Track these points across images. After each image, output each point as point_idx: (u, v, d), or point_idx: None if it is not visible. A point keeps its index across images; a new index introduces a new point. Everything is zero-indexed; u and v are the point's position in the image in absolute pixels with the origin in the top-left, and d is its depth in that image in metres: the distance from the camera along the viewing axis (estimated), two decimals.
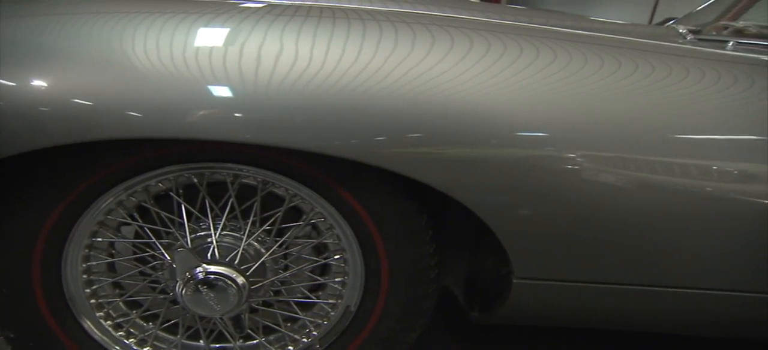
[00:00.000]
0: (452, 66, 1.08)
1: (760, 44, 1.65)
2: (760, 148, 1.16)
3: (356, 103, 1.03)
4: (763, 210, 1.18)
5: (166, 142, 1.12)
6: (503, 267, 1.27)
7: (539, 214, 1.13)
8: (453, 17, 1.39)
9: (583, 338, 1.89)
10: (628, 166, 1.12)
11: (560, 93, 1.11)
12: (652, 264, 1.24)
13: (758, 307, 1.34)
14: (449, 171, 1.07)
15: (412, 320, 1.33)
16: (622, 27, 1.98)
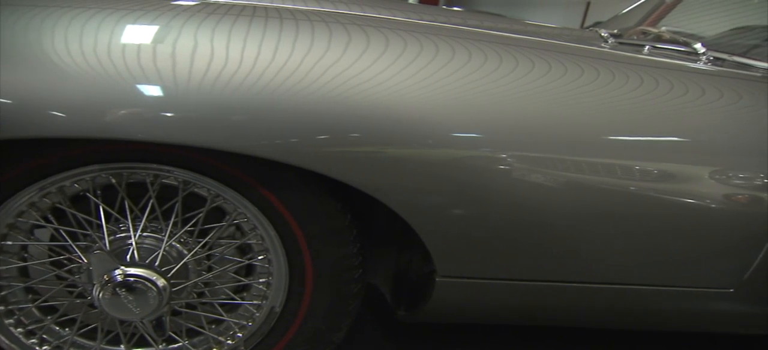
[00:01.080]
0: (375, 66, 1.09)
1: (672, 49, 1.73)
2: (669, 148, 1.22)
3: (277, 102, 1.02)
4: (676, 207, 1.24)
5: (80, 142, 1.09)
6: (427, 265, 1.28)
7: (460, 213, 1.15)
8: (386, 19, 1.41)
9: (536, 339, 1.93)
10: (549, 166, 1.15)
11: (480, 94, 1.13)
12: (573, 261, 1.28)
13: (676, 300, 1.41)
14: (369, 170, 1.08)
15: (337, 320, 1.34)
16: (550, 30, 2.04)
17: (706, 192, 1.23)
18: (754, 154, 1.25)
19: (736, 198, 1.25)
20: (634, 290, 1.36)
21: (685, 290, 1.37)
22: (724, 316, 1.48)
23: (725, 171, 1.23)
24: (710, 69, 1.46)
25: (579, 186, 1.17)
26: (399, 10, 1.65)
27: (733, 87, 1.32)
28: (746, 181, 1.25)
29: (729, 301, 1.41)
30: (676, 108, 1.24)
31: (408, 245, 1.41)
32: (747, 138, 1.25)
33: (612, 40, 1.94)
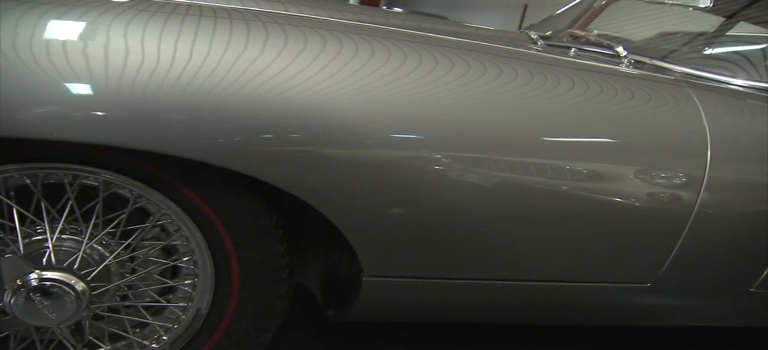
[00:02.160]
0: (303, 67, 1.09)
1: (596, 51, 1.78)
2: (589, 148, 1.26)
3: (200, 102, 1.01)
4: (597, 206, 1.28)
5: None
6: (354, 265, 1.29)
7: (385, 213, 1.16)
8: (323, 19, 1.40)
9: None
10: (473, 165, 1.17)
11: (405, 95, 1.14)
12: (498, 259, 1.31)
13: (597, 295, 1.46)
14: (292, 170, 1.08)
15: (265, 320, 1.33)
16: (484, 33, 2.08)
17: (624, 191, 1.28)
18: (669, 154, 1.31)
19: (652, 197, 1.30)
20: (557, 287, 1.40)
21: (606, 285, 1.42)
22: (642, 309, 1.54)
23: (642, 170, 1.28)
24: (630, 71, 1.52)
25: (503, 185, 1.20)
26: (337, 10, 1.64)
27: (650, 89, 1.38)
28: (662, 180, 1.30)
29: (646, 295, 1.46)
30: (596, 109, 1.28)
31: (337, 245, 1.42)
32: (663, 138, 1.31)
33: (541, 42, 1.99)
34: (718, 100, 1.44)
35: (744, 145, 1.39)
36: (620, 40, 2.17)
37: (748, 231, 1.43)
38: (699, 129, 1.31)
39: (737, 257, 1.48)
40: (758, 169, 1.40)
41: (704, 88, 1.48)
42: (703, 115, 1.33)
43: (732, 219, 1.40)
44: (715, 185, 1.33)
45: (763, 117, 1.49)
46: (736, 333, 2.21)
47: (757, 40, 1.96)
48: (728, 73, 1.70)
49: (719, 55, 1.94)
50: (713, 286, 1.56)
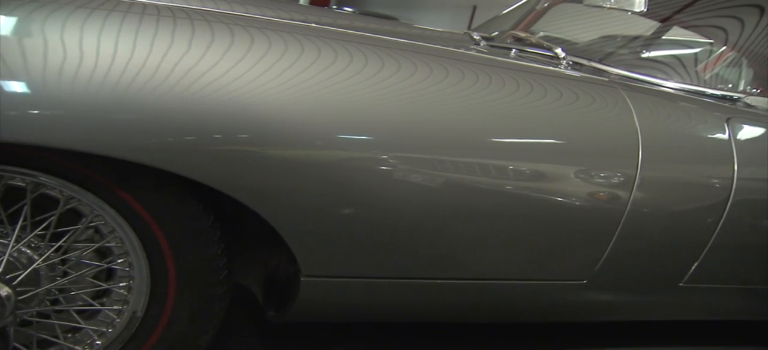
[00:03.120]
0: (241, 67, 1.08)
1: (536, 52, 1.82)
2: (527, 148, 1.28)
3: (132, 101, 0.98)
4: (535, 205, 1.31)
5: None
6: (293, 265, 1.28)
7: (322, 213, 1.16)
8: (269, 19, 1.38)
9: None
10: (415, 165, 1.18)
11: (352, 95, 1.14)
12: (437, 259, 1.32)
13: (536, 293, 1.48)
14: (227, 170, 1.07)
15: (203, 322, 1.31)
16: (429, 33, 2.09)
17: (560, 190, 1.31)
18: (602, 154, 1.34)
19: (587, 196, 1.34)
20: (497, 285, 1.42)
21: (544, 283, 1.45)
22: (580, 306, 1.57)
23: (577, 170, 1.31)
24: (567, 73, 1.55)
25: (443, 185, 1.21)
26: (284, 10, 1.63)
27: (585, 90, 1.41)
28: (596, 180, 1.33)
29: (583, 292, 1.50)
30: (532, 110, 1.30)
31: (277, 245, 1.40)
32: (596, 139, 1.34)
33: (484, 43, 2.02)
34: (651, 101, 1.49)
35: (674, 145, 1.44)
36: (561, 42, 2.21)
37: (678, 229, 1.48)
38: (631, 130, 1.35)
39: (668, 253, 1.53)
40: (688, 168, 1.45)
41: (637, 90, 1.53)
42: (635, 117, 1.37)
43: (663, 217, 1.44)
44: (647, 184, 1.37)
45: (693, 118, 1.55)
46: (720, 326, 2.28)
47: (690, 44, 2.03)
48: (662, 75, 1.76)
49: (654, 58, 2.00)
50: (646, 282, 1.61)
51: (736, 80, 1.84)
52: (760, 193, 1.54)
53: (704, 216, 1.49)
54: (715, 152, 1.48)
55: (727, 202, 1.48)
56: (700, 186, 1.47)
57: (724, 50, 1.93)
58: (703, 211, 1.48)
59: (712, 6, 2.03)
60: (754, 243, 1.64)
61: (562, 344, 2.04)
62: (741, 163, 1.48)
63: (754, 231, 1.60)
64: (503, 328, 2.05)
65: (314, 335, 1.85)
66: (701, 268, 1.59)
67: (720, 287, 1.74)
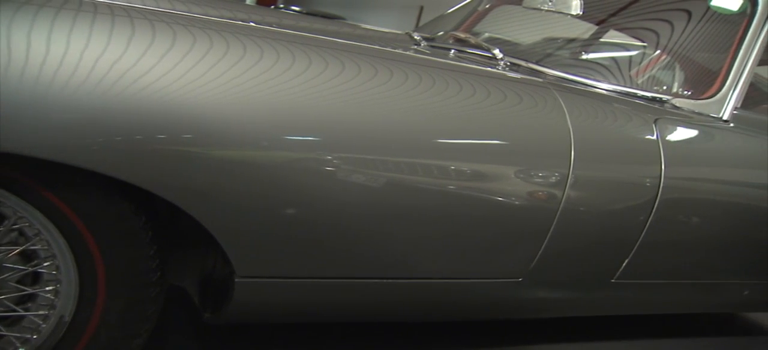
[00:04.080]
0: (173, 66, 1.06)
1: (474, 53, 1.84)
2: (461, 148, 1.30)
3: (57, 100, 0.95)
4: (471, 204, 1.32)
5: None
6: (228, 266, 1.26)
7: (256, 213, 1.15)
8: (211, 19, 1.36)
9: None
10: (353, 165, 1.18)
11: (291, 96, 1.14)
12: (375, 258, 1.32)
13: (473, 291, 1.50)
14: (157, 171, 1.05)
15: (135, 326, 1.28)
16: (371, 33, 2.09)
17: (495, 189, 1.33)
18: (535, 154, 1.37)
19: (521, 195, 1.36)
20: (434, 284, 1.43)
21: (480, 281, 1.47)
22: (516, 303, 1.60)
23: (510, 170, 1.34)
24: (503, 74, 1.57)
25: (378, 185, 1.21)
26: (228, 10, 1.60)
27: (520, 91, 1.43)
28: (529, 179, 1.36)
29: (519, 289, 1.53)
30: (468, 110, 1.32)
31: (212, 245, 1.38)
32: (529, 139, 1.37)
33: (424, 43, 2.03)
34: (583, 102, 1.52)
35: (605, 145, 1.48)
36: (502, 43, 2.25)
37: (609, 226, 1.53)
38: (563, 130, 1.38)
39: (600, 250, 1.58)
40: (618, 168, 1.50)
41: (571, 91, 1.56)
42: (568, 117, 1.41)
43: (594, 215, 1.48)
44: (579, 183, 1.40)
45: (625, 119, 1.59)
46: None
47: (622, 47, 2.09)
48: (595, 77, 1.80)
49: (588, 60, 2.05)
50: (579, 278, 1.65)
51: (665, 83, 1.91)
52: (685, 192, 1.60)
53: (634, 214, 1.53)
54: (643, 152, 1.52)
55: (655, 201, 1.53)
56: (629, 185, 1.51)
57: (654, 53, 2.00)
58: (632, 209, 1.53)
59: (644, 11, 2.09)
60: (681, 239, 1.70)
61: (498, 342, 2.07)
62: (668, 162, 1.53)
63: (681, 228, 1.67)
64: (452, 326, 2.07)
65: (255, 336, 1.83)
66: (632, 265, 1.64)
67: (650, 282, 1.80)
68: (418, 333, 2.02)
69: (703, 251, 1.78)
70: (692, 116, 1.75)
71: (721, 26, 1.92)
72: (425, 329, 2.05)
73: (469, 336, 2.07)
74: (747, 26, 1.82)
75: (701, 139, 1.70)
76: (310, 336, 1.88)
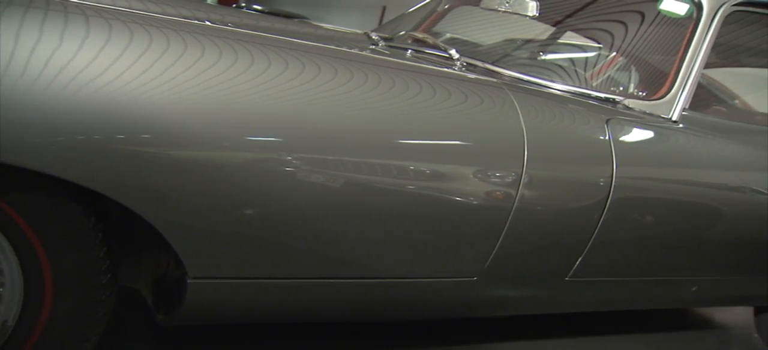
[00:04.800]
0: (144, 68, 1.05)
1: (431, 53, 1.85)
2: (416, 148, 1.30)
3: (5, 100, 0.93)
4: (426, 203, 1.33)
5: None
6: (181, 267, 1.25)
7: (208, 213, 1.14)
8: (170, 19, 1.33)
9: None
10: (307, 165, 1.18)
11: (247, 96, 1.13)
12: (329, 258, 1.32)
13: (429, 290, 1.51)
14: (105, 171, 1.03)
15: (84, 330, 1.25)
16: (332, 33, 2.09)
17: (449, 189, 1.34)
18: (489, 153, 1.38)
19: (475, 195, 1.37)
20: (389, 283, 1.44)
21: (435, 281, 1.48)
22: (471, 302, 1.62)
23: (465, 169, 1.35)
24: (458, 74, 1.59)
25: (333, 185, 1.21)
26: (187, 9, 1.58)
27: (474, 91, 1.45)
28: (483, 179, 1.37)
29: (474, 288, 1.54)
30: (422, 110, 1.33)
31: (165, 246, 1.36)
32: (483, 139, 1.38)
33: (382, 43, 2.03)
34: (537, 102, 1.54)
35: (558, 145, 1.50)
36: (461, 44, 2.27)
37: (562, 225, 1.55)
38: (517, 130, 1.40)
39: (553, 249, 1.60)
40: (570, 167, 1.52)
41: (525, 92, 1.58)
42: (522, 117, 1.42)
43: (548, 215, 1.51)
44: (533, 183, 1.42)
45: (579, 120, 1.62)
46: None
47: (577, 48, 2.13)
48: (550, 77, 1.83)
49: (544, 60, 2.08)
50: (534, 277, 1.67)
51: (617, 84, 1.95)
52: (636, 191, 1.63)
53: (587, 213, 1.56)
54: (595, 152, 1.55)
55: (607, 199, 1.56)
56: (582, 185, 1.54)
57: (607, 55, 2.04)
58: (585, 208, 1.55)
59: (597, 13, 2.13)
60: (633, 237, 1.73)
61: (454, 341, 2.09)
62: (619, 162, 1.56)
63: (633, 227, 1.70)
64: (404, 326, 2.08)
65: (213, 338, 1.81)
66: (585, 263, 1.67)
67: (604, 280, 1.83)
68: (372, 332, 2.02)
69: (654, 249, 1.82)
70: (643, 117, 1.78)
71: (671, 29, 1.96)
72: (382, 328, 2.05)
73: (425, 335, 2.08)
74: (693, 30, 1.87)
75: (651, 139, 1.74)
76: (268, 336, 1.87)
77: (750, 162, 1.98)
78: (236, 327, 1.87)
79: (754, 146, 2.04)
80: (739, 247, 2.02)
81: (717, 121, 2.05)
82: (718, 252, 1.99)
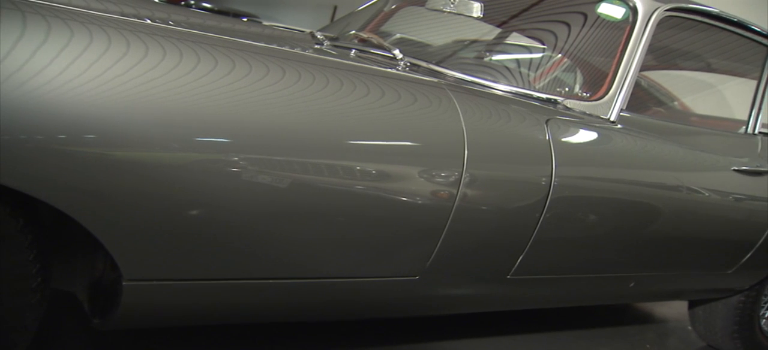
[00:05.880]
0: (84, 68, 1.02)
1: (375, 53, 1.85)
2: (357, 148, 1.30)
3: None
4: (366, 202, 1.33)
5: None
6: (116, 270, 1.22)
7: (144, 214, 1.11)
8: (113, 17, 1.30)
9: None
10: (248, 165, 1.16)
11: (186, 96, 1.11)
12: (268, 258, 1.30)
13: (371, 289, 1.51)
14: (33, 173, 1.00)
15: (12, 336, 1.20)
16: (280, 33, 2.07)
17: (390, 188, 1.34)
18: (429, 153, 1.39)
19: (416, 194, 1.38)
20: (332, 283, 1.43)
21: (378, 280, 1.48)
22: (414, 301, 1.63)
23: (405, 169, 1.36)
24: (400, 74, 1.59)
25: (274, 185, 1.20)
26: (130, 6, 1.53)
27: (414, 91, 1.45)
28: (424, 178, 1.38)
29: (416, 287, 1.55)
30: (364, 109, 1.33)
31: (101, 249, 1.33)
32: (423, 138, 1.39)
33: (327, 43, 2.02)
34: (478, 103, 1.56)
35: (498, 145, 1.52)
36: (408, 44, 2.28)
37: (503, 224, 1.57)
38: (457, 130, 1.41)
39: (495, 248, 1.62)
40: (510, 167, 1.54)
41: (467, 92, 1.60)
42: (462, 117, 1.44)
43: (489, 214, 1.53)
44: (473, 182, 1.44)
45: (519, 120, 1.65)
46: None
47: (520, 48, 2.17)
48: (493, 78, 1.85)
49: (487, 61, 2.11)
50: (476, 275, 1.69)
51: (558, 85, 1.99)
52: (575, 190, 1.67)
53: (527, 211, 1.59)
54: (535, 152, 1.58)
55: (547, 198, 1.59)
56: (522, 184, 1.56)
57: (549, 56, 2.08)
58: (525, 207, 1.58)
59: (540, 15, 2.17)
60: (572, 236, 1.77)
61: (398, 340, 2.10)
62: (558, 161, 1.59)
63: (572, 225, 1.74)
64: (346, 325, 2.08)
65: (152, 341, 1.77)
66: (527, 261, 1.69)
67: (545, 277, 1.87)
68: (317, 332, 2.02)
69: (593, 246, 1.86)
70: (582, 117, 1.82)
71: (609, 32, 2.01)
72: (326, 328, 2.05)
73: (369, 334, 2.08)
74: (629, 33, 1.92)
75: (589, 138, 1.78)
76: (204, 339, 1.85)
77: (685, 162, 2.05)
78: (180, 329, 1.84)
79: (690, 146, 2.11)
80: (674, 244, 2.09)
81: (655, 121, 2.11)
82: (655, 249, 2.05)
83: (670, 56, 2.41)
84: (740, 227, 2.21)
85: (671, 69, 2.63)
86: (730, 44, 2.29)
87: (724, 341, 2.71)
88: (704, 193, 2.03)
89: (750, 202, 2.19)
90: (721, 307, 2.65)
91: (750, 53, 2.34)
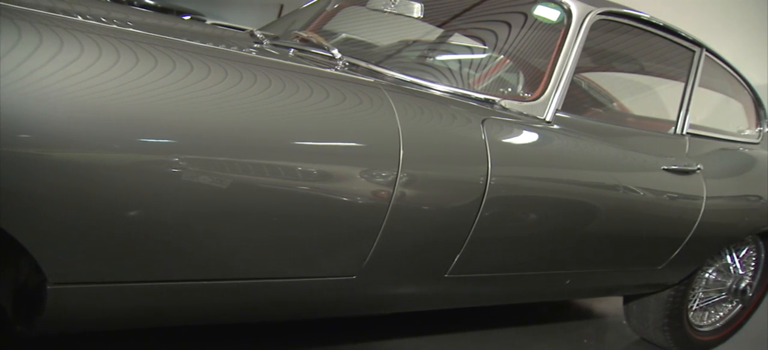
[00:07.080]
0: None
1: (313, 52, 1.85)
2: (291, 148, 1.29)
3: None
4: (301, 202, 1.32)
5: None
6: (40, 273, 1.18)
7: (69, 215, 1.08)
8: (47, 15, 1.25)
9: None
10: (179, 166, 1.14)
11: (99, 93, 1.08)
12: (199, 260, 1.28)
13: (306, 290, 1.50)
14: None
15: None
16: (221, 32, 2.04)
17: (325, 188, 1.34)
18: (364, 153, 1.40)
19: (351, 194, 1.38)
20: (268, 284, 1.42)
21: (313, 280, 1.48)
22: (351, 301, 1.63)
23: (340, 168, 1.36)
24: (337, 73, 1.59)
25: (206, 185, 1.18)
26: (65, 3, 1.48)
27: (350, 91, 1.45)
28: (359, 178, 1.38)
29: (353, 287, 1.55)
30: (300, 108, 1.32)
31: (24, 252, 1.28)
32: (358, 138, 1.39)
33: (266, 42, 2.01)
34: (415, 103, 1.57)
35: (434, 145, 1.53)
36: (349, 44, 2.28)
37: (439, 224, 1.59)
38: (392, 130, 1.42)
39: (431, 247, 1.63)
40: (446, 167, 1.56)
41: (403, 92, 1.61)
42: (397, 117, 1.44)
43: (425, 213, 1.54)
44: (409, 182, 1.45)
45: (455, 120, 1.66)
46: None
47: (459, 49, 2.19)
48: (431, 78, 1.87)
49: (427, 62, 2.13)
50: (413, 275, 1.70)
51: (495, 85, 2.02)
52: (511, 189, 1.69)
53: (463, 211, 1.60)
54: (471, 151, 1.60)
55: (483, 198, 1.61)
56: (458, 183, 1.58)
57: (487, 57, 2.11)
58: (461, 207, 1.60)
59: (478, 17, 2.21)
60: (508, 234, 1.80)
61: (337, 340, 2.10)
62: (494, 161, 1.62)
63: (508, 224, 1.77)
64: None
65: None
66: (464, 260, 1.71)
67: (483, 276, 1.89)
68: (254, 333, 2.00)
69: (529, 245, 1.90)
70: (518, 117, 1.85)
71: (545, 34, 2.06)
72: (263, 329, 2.03)
73: (307, 334, 2.08)
74: (564, 35, 1.97)
75: (525, 138, 1.81)
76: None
77: (618, 161, 2.11)
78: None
79: (622, 146, 2.17)
80: (607, 242, 2.15)
81: (589, 122, 2.17)
82: (589, 246, 2.10)
83: (606, 59, 2.47)
84: (670, 224, 2.29)
85: (607, 71, 2.70)
86: (660, 48, 2.38)
87: (656, 334, 2.81)
88: (636, 192, 2.10)
89: (679, 200, 2.27)
90: (653, 302, 2.74)
91: (678, 56, 2.43)
